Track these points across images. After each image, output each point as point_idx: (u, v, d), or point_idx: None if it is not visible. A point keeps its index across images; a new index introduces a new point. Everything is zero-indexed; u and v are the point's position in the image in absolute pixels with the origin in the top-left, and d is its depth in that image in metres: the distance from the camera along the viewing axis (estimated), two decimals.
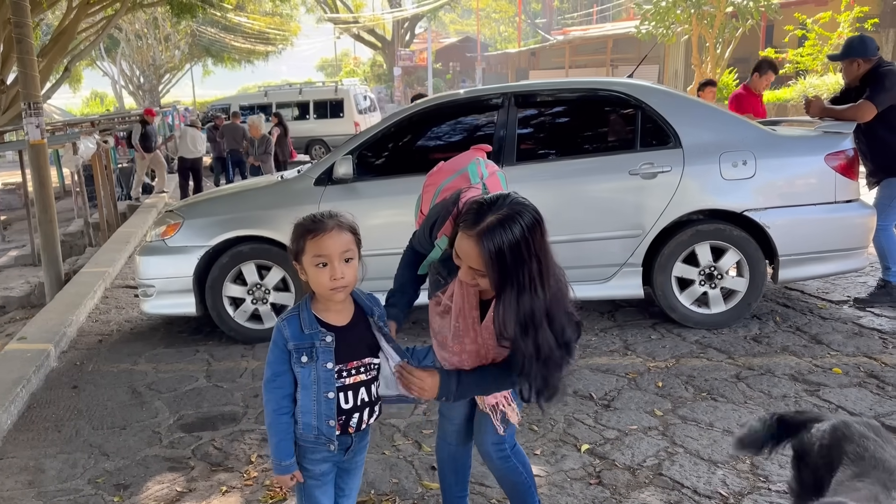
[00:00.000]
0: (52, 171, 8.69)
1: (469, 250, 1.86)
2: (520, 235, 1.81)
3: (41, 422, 3.88)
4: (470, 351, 2.09)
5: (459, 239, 1.91)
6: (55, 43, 15.18)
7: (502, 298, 1.88)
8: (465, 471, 2.57)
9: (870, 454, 1.96)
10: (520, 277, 1.83)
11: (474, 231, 1.84)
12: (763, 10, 17.62)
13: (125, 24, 32.99)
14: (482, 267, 1.85)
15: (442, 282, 2.15)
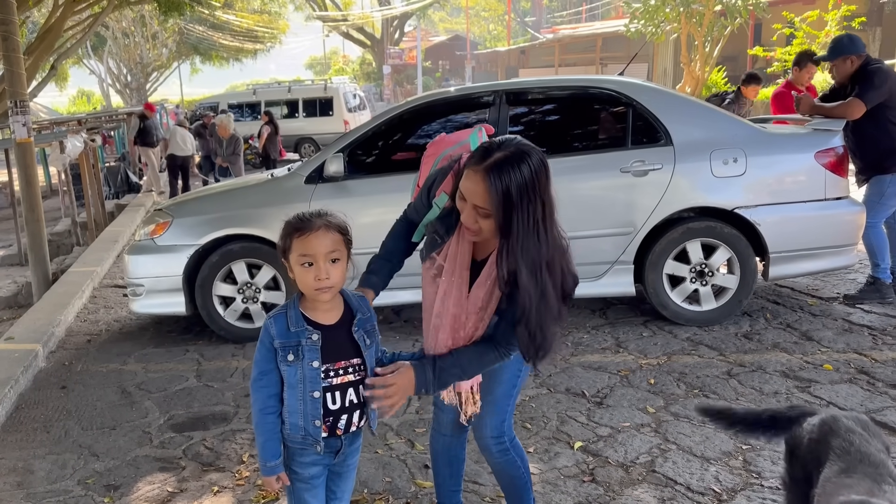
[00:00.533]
0: (38, 170, 8.62)
1: (475, 187, 1.84)
2: (527, 174, 1.80)
3: (30, 422, 3.84)
4: (452, 314, 2.06)
5: (465, 178, 1.88)
6: (41, 41, 15.05)
7: (505, 240, 1.86)
8: (459, 464, 2.56)
9: (855, 448, 1.96)
10: (524, 218, 1.82)
11: (481, 166, 1.83)
12: (751, 8, 17.69)
13: (112, 22, 32.74)
14: (487, 204, 1.83)
15: (438, 241, 2.12)
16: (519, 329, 1.96)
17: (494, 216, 1.84)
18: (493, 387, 2.30)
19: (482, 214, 1.87)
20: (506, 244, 1.87)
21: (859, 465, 1.92)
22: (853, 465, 1.93)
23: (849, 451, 1.98)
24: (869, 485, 1.84)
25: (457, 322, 2.07)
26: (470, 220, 1.91)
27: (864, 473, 1.89)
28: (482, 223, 1.89)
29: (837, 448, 2.00)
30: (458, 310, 2.07)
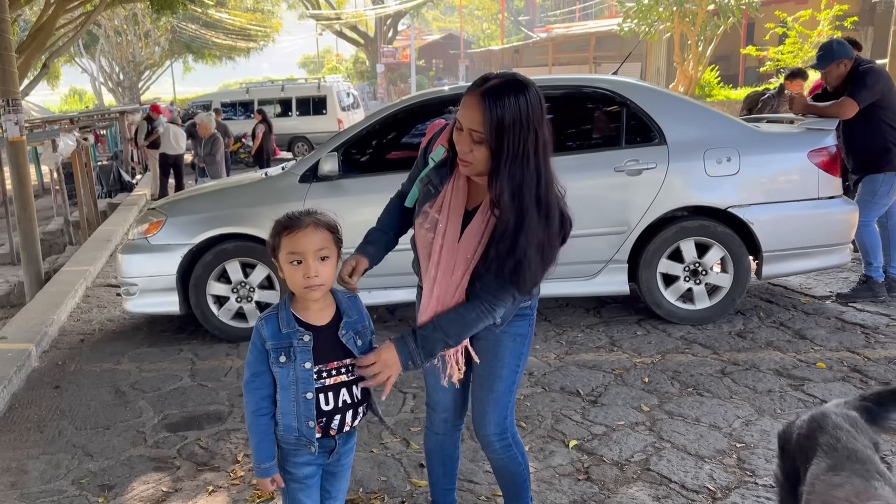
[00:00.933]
0: (30, 169, 8.57)
1: (470, 111, 1.89)
2: (522, 102, 1.86)
3: (23, 422, 3.83)
4: (443, 269, 2.07)
5: (462, 106, 1.93)
6: (33, 39, 14.98)
7: (495, 164, 1.90)
8: (452, 462, 2.56)
9: (842, 445, 1.97)
10: (515, 143, 1.87)
11: (478, 90, 1.89)
12: (744, 7, 17.76)
13: (104, 20, 32.59)
14: (480, 127, 1.87)
15: (432, 192, 2.13)
16: (500, 247, 1.96)
17: (486, 140, 1.88)
18: (494, 384, 2.30)
19: (476, 139, 1.90)
20: (495, 168, 1.91)
21: (846, 462, 1.93)
22: (840, 463, 1.94)
23: (836, 447, 1.99)
24: (858, 482, 1.85)
25: (448, 276, 2.07)
26: (465, 147, 1.94)
27: (851, 471, 1.90)
28: (476, 151, 1.92)
29: (825, 445, 2.01)
30: (449, 256, 2.07)
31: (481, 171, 1.98)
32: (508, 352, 2.28)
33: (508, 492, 2.49)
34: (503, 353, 2.28)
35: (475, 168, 1.98)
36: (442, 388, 2.38)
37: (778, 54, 16.41)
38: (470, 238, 2.06)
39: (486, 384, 2.31)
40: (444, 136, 2.15)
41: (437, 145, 2.19)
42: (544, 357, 4.38)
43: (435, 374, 2.37)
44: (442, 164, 2.14)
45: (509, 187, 1.91)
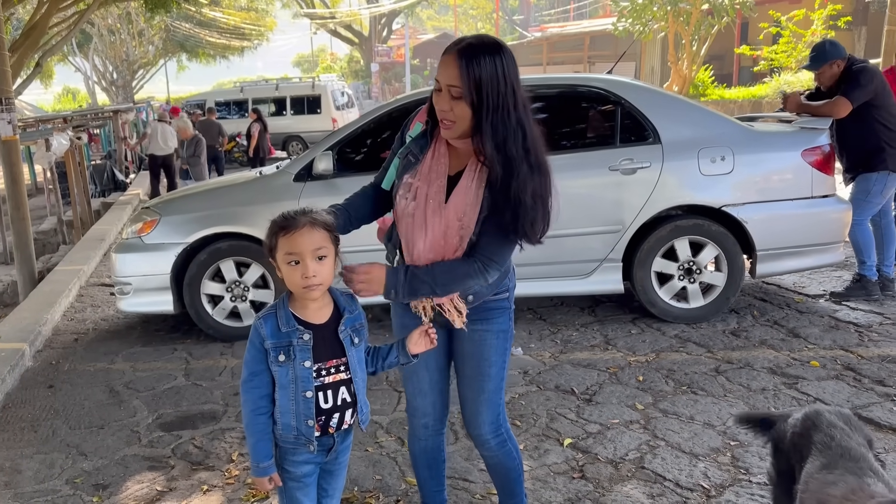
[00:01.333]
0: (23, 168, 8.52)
1: (448, 67, 1.94)
2: (497, 58, 1.93)
3: (17, 422, 3.82)
4: (434, 235, 2.07)
5: (440, 65, 1.98)
6: (26, 38, 14.91)
7: (477, 118, 1.94)
8: (439, 465, 2.56)
9: (836, 443, 1.99)
10: (495, 97, 1.92)
11: (455, 49, 1.96)
12: (738, 7, 17.80)
13: (98, 19, 32.45)
14: (459, 82, 1.92)
15: (413, 161, 2.15)
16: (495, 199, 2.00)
17: (465, 94, 1.92)
18: (484, 384, 2.31)
19: (455, 95, 1.94)
20: (478, 123, 1.95)
21: (840, 459, 1.94)
22: (834, 461, 1.95)
23: (830, 445, 2.00)
24: (852, 480, 1.86)
25: (442, 239, 2.07)
26: (445, 105, 1.97)
27: (845, 468, 1.91)
28: (456, 108, 1.95)
29: (819, 443, 2.02)
30: (438, 220, 2.07)
31: (463, 129, 2.00)
32: (494, 350, 2.29)
33: (503, 488, 2.49)
34: (489, 352, 2.28)
35: (458, 127, 2.00)
36: (420, 394, 2.38)
37: (772, 54, 16.46)
38: (459, 197, 2.06)
39: (476, 385, 2.31)
40: (422, 114, 2.18)
41: (415, 123, 2.21)
42: (539, 356, 4.38)
43: (413, 380, 2.38)
44: (422, 136, 2.16)
45: (493, 141, 1.94)
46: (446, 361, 2.39)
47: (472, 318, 2.24)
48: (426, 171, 2.11)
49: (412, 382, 2.38)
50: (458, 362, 2.35)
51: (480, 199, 2.04)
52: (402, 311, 2.32)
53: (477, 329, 2.26)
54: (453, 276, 2.07)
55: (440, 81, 1.98)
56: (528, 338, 4.70)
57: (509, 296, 2.30)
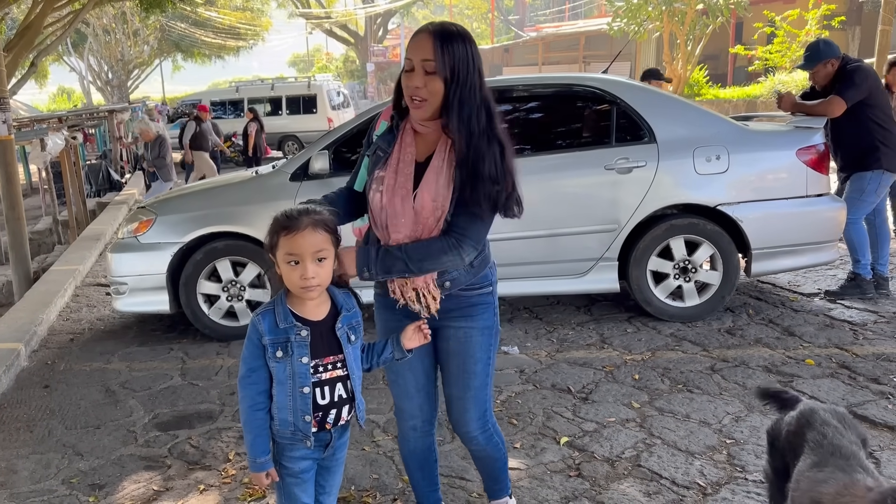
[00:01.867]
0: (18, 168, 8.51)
1: (422, 43, 2.03)
2: (466, 41, 2.05)
3: (12, 422, 3.81)
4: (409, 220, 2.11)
5: (412, 43, 2.06)
6: (21, 37, 14.86)
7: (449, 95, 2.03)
8: (430, 465, 2.56)
9: (828, 441, 2.00)
10: (465, 74, 2.02)
11: (428, 29, 2.06)
12: (733, 7, 17.83)
13: (93, 19, 32.38)
14: (433, 56, 2.00)
15: (382, 155, 2.19)
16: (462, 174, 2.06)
17: (440, 70, 2.00)
18: (470, 381, 2.32)
19: (428, 70, 2.01)
20: (447, 98, 2.03)
21: (831, 457, 1.96)
22: (825, 459, 1.96)
23: (821, 443, 2.01)
24: (841, 478, 1.87)
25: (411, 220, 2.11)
26: (419, 82, 2.03)
27: (835, 466, 1.92)
28: (430, 84, 2.02)
29: (812, 441, 2.04)
30: (409, 204, 2.11)
31: (435, 107, 2.06)
32: (479, 346, 2.30)
33: (490, 476, 2.53)
34: (474, 349, 2.30)
35: (429, 105, 2.05)
36: (407, 397, 2.39)
37: (766, 53, 16.50)
38: (430, 178, 2.11)
39: (462, 382, 2.33)
40: (386, 112, 2.24)
41: (380, 122, 2.25)
42: (535, 354, 4.39)
43: (399, 383, 2.38)
44: (388, 131, 2.21)
45: (459, 116, 2.03)
46: (431, 363, 2.39)
47: (456, 316, 2.26)
48: (395, 163, 2.16)
49: (398, 385, 2.39)
50: (442, 361, 2.36)
51: (451, 179, 2.09)
52: (384, 310, 2.34)
53: (461, 326, 2.28)
54: (428, 252, 2.10)
55: (413, 59, 2.04)
56: (524, 337, 4.70)
57: (492, 290, 2.32)
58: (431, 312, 2.22)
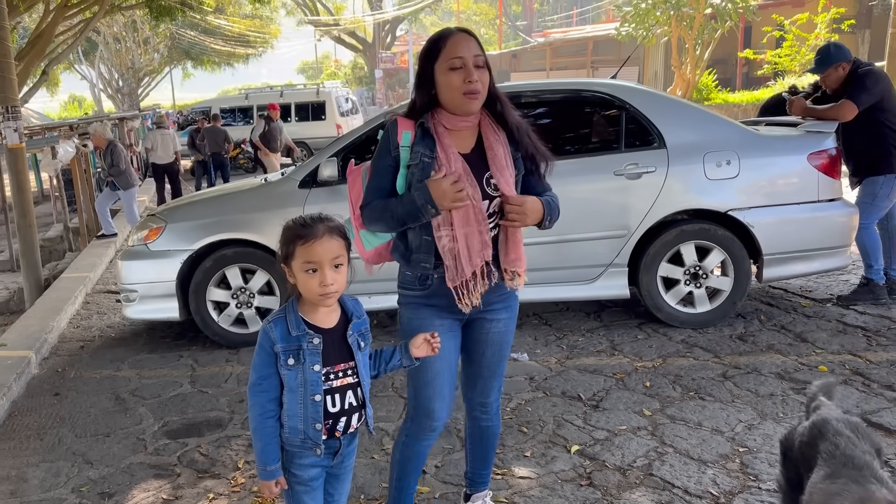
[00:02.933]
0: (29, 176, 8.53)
1: (468, 42, 2.22)
2: None
3: (23, 430, 3.81)
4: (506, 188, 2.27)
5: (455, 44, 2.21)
6: (32, 46, 14.99)
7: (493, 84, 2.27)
8: (420, 466, 2.57)
9: (840, 451, 1.97)
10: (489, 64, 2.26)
11: (458, 31, 2.26)
12: (741, 11, 17.78)
13: (103, 27, 32.62)
14: (481, 51, 2.23)
15: (428, 161, 2.25)
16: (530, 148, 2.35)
17: (485, 61, 2.22)
18: (502, 365, 2.52)
19: (480, 64, 2.21)
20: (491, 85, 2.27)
21: (843, 468, 1.93)
22: (837, 470, 1.93)
23: (834, 454, 1.98)
24: (855, 490, 1.84)
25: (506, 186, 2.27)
26: (473, 76, 2.19)
27: (847, 477, 1.89)
28: (483, 77, 2.21)
29: (824, 452, 2.01)
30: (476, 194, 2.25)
31: (485, 98, 2.25)
32: (511, 335, 2.51)
33: (485, 454, 2.64)
34: (510, 338, 2.50)
35: (482, 97, 2.24)
36: (440, 397, 2.38)
37: (775, 57, 16.43)
38: (496, 151, 2.28)
39: (495, 367, 2.50)
40: (403, 123, 2.30)
41: (401, 133, 2.29)
42: (545, 361, 4.37)
43: (435, 384, 2.37)
44: (422, 137, 2.26)
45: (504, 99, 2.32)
46: (456, 360, 2.46)
47: (499, 308, 2.41)
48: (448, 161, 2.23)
49: (432, 387, 2.37)
50: (474, 351, 2.47)
51: (509, 157, 2.31)
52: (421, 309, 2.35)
53: (502, 318, 2.43)
54: (557, 202, 2.37)
55: (465, 56, 2.19)
56: (533, 343, 4.68)
57: None
58: (522, 284, 2.38)
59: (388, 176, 2.30)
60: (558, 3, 50.15)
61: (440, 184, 2.16)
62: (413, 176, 2.26)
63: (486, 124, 2.30)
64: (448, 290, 2.28)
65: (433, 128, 2.26)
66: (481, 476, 2.68)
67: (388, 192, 2.31)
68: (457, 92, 2.20)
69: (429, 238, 2.27)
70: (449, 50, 2.21)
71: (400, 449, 2.49)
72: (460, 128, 2.28)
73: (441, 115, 2.27)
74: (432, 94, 2.28)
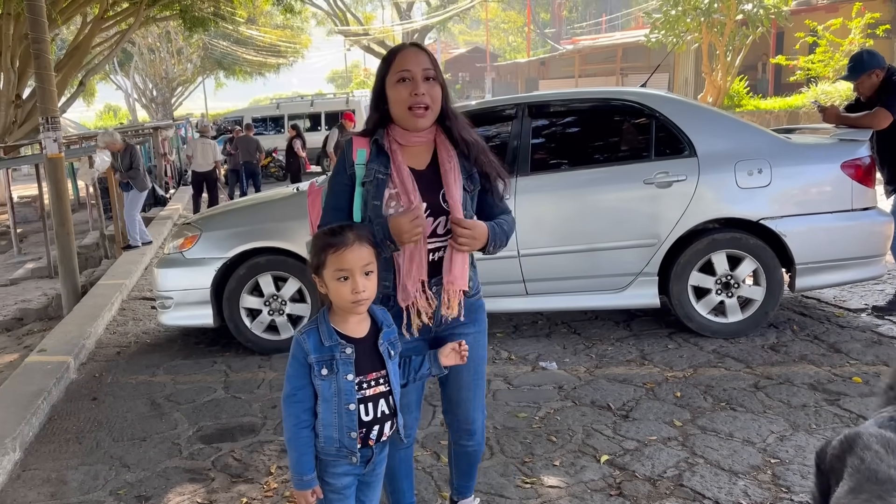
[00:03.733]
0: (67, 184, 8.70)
1: (416, 56, 2.23)
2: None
3: (62, 433, 3.91)
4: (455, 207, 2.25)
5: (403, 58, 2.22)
6: (70, 57, 15.38)
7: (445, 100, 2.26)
8: (412, 471, 2.61)
9: (865, 466, 1.94)
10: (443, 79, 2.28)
11: (408, 45, 2.29)
12: (773, 17, 17.60)
13: (138, 38, 33.29)
14: (430, 65, 2.22)
15: (382, 177, 2.24)
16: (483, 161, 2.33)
17: (437, 75, 2.23)
18: (480, 381, 2.48)
19: (430, 76, 2.21)
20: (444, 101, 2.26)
21: (866, 483, 1.90)
22: (861, 485, 1.91)
23: (859, 469, 1.96)
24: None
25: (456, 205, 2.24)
26: (422, 89, 2.19)
27: (870, 493, 1.87)
28: (431, 91, 2.21)
29: (851, 466, 1.99)
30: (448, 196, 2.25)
31: (436, 113, 2.25)
32: (484, 348, 2.48)
33: (468, 471, 2.64)
34: (483, 352, 2.46)
35: (432, 112, 2.23)
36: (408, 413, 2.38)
37: (808, 63, 16.23)
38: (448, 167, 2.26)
39: (474, 384, 2.46)
40: (358, 141, 2.31)
41: (356, 150, 2.29)
42: (574, 370, 4.37)
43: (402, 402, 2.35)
44: (377, 154, 2.26)
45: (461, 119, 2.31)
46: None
47: (466, 322, 2.36)
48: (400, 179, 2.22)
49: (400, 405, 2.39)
50: (454, 368, 2.37)
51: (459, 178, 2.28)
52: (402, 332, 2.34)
53: (470, 332, 2.38)
54: (511, 227, 2.36)
55: (412, 69, 2.19)
56: (562, 352, 4.68)
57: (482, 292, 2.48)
58: (455, 314, 2.30)
59: (345, 194, 2.29)
60: (587, 10, 50.01)
61: (399, 221, 2.12)
62: (368, 193, 2.24)
63: (441, 140, 2.29)
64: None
65: (387, 144, 2.25)
66: (467, 487, 2.70)
67: (346, 210, 2.28)
68: (403, 105, 2.20)
69: (388, 258, 2.23)
70: (397, 63, 2.22)
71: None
72: (413, 143, 2.27)
73: (395, 132, 2.27)
74: (385, 109, 2.27)
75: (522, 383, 4.21)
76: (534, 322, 5.33)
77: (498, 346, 4.83)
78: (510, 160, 4.73)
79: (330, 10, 41.98)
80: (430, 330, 2.32)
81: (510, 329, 5.18)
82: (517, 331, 5.15)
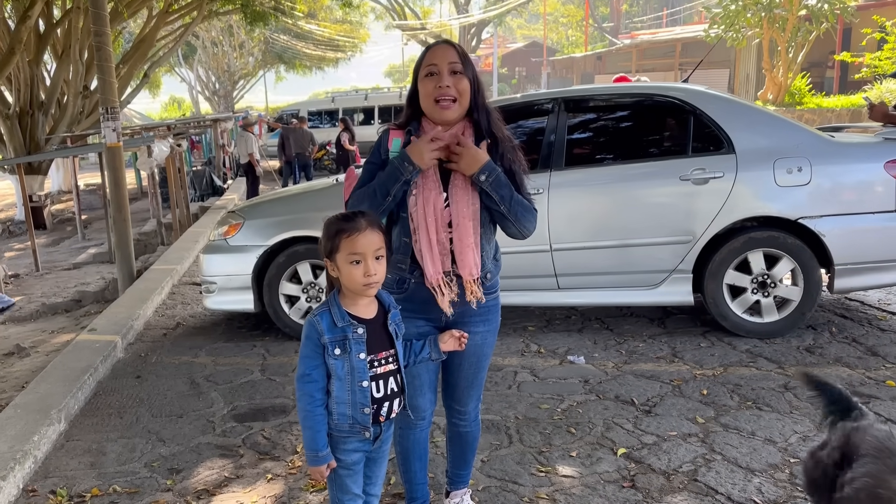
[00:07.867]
0: (130, 173, 9.09)
1: (444, 51, 2.31)
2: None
3: (105, 408, 4.12)
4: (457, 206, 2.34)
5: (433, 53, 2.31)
6: (136, 50, 15.92)
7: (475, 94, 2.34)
8: (426, 457, 2.69)
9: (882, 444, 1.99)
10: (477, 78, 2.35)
11: (440, 41, 2.39)
12: (839, 12, 17.03)
13: (202, 32, 34.19)
14: (458, 59, 2.29)
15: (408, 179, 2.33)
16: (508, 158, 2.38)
17: (465, 70, 2.29)
18: (480, 374, 2.58)
19: (457, 70, 2.28)
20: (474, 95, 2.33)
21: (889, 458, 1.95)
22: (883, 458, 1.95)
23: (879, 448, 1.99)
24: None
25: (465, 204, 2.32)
26: (448, 81, 2.27)
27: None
28: (459, 84, 2.29)
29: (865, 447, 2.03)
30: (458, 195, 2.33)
31: (464, 107, 2.33)
32: (491, 347, 2.57)
33: (463, 456, 2.71)
34: (488, 351, 2.54)
35: (460, 106, 2.31)
36: (421, 394, 2.50)
37: (875, 60, 15.66)
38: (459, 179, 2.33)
39: (473, 376, 2.56)
40: (395, 132, 2.43)
41: (391, 139, 2.41)
42: (602, 365, 4.38)
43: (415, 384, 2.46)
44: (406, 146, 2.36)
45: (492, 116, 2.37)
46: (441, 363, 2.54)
47: (477, 321, 2.44)
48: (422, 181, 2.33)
49: (413, 386, 2.46)
50: (454, 360, 2.51)
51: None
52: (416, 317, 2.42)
53: (479, 331, 2.47)
54: (527, 205, 2.37)
55: (439, 63, 2.28)
56: (592, 347, 4.70)
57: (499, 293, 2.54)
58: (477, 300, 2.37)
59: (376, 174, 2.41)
60: (648, 4, 49.15)
61: (417, 143, 2.28)
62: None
63: (470, 135, 2.36)
64: (424, 294, 2.36)
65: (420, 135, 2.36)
66: (460, 476, 2.77)
67: None
68: (430, 98, 2.30)
69: (407, 240, 2.35)
70: (427, 58, 2.33)
71: (398, 441, 2.64)
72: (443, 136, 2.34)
73: (426, 124, 2.37)
74: (418, 104, 2.38)
75: (549, 376, 4.25)
76: (567, 317, 5.35)
77: (529, 340, 4.87)
78: (545, 154, 4.75)
79: (388, 5, 42.35)
80: (441, 319, 2.40)
81: (542, 323, 5.21)
82: (549, 325, 5.18)
